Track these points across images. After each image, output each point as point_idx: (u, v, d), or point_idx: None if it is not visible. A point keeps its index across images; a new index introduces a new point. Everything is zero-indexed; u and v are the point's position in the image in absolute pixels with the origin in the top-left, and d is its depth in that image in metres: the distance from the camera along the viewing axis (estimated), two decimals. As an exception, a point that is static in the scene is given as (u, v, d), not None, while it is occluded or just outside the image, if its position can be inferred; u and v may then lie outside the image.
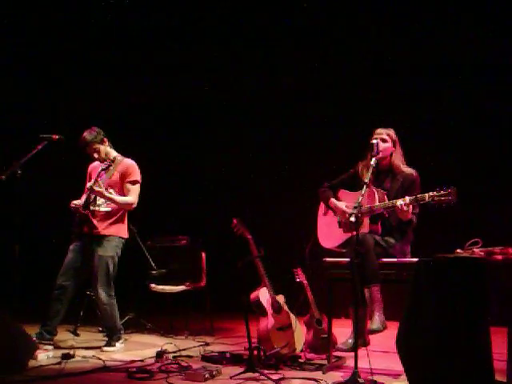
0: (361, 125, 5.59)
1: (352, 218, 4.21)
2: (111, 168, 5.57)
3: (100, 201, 5.56)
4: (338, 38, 7.37)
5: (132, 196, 5.59)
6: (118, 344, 5.53)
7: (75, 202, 5.53)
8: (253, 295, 5.24)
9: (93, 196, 5.52)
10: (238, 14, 7.67)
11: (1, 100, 7.97)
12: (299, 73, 7.73)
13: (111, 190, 5.55)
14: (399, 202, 4.51)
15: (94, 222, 5.51)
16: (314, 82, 7.63)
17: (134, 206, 5.63)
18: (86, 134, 5.55)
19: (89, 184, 5.52)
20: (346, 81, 7.41)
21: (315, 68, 7.59)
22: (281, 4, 7.40)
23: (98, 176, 5.48)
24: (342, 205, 5.01)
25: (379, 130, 4.97)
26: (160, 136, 8.51)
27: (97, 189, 5.38)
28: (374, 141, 4.70)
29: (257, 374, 4.44)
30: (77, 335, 6.04)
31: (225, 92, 8.08)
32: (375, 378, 4.23)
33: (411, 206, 4.54)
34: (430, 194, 4.39)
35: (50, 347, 5.33)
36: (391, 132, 4.98)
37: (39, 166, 5.69)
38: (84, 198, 5.53)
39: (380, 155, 4.79)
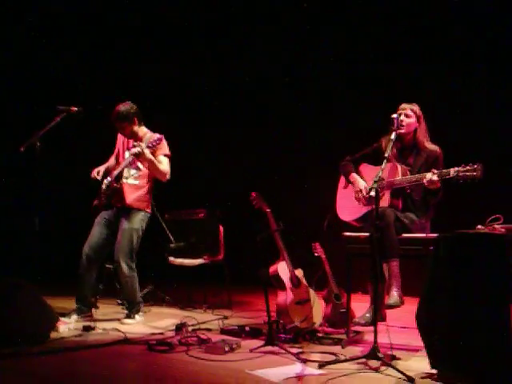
0: (385, 98, 5.53)
1: (372, 193, 4.18)
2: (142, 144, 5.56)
3: (128, 173, 5.59)
4: (363, 6, 7.31)
5: (167, 167, 5.60)
6: (137, 316, 5.59)
7: (98, 171, 5.60)
8: (272, 269, 5.25)
9: (125, 169, 5.57)
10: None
11: (19, 72, 8.01)
12: (321, 46, 7.66)
13: (139, 164, 5.57)
14: (428, 175, 4.48)
15: (122, 194, 5.57)
16: (337, 55, 7.55)
17: (168, 177, 5.63)
18: (119, 111, 5.52)
19: (135, 149, 5.39)
20: (371, 54, 7.33)
21: (341, 40, 7.51)
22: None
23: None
24: (362, 183, 4.98)
25: (403, 106, 4.92)
26: (179, 109, 8.50)
27: (144, 149, 5.32)
28: (395, 115, 4.64)
29: (276, 348, 4.46)
30: (96, 308, 6.10)
31: (244, 71, 8.08)
32: (394, 352, 4.24)
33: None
34: (456, 168, 4.34)
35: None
36: (415, 107, 4.92)
37: (58, 137, 5.70)
38: (118, 170, 5.57)
39: (404, 131, 4.81)
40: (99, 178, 5.62)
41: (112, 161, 5.86)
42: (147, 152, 5.35)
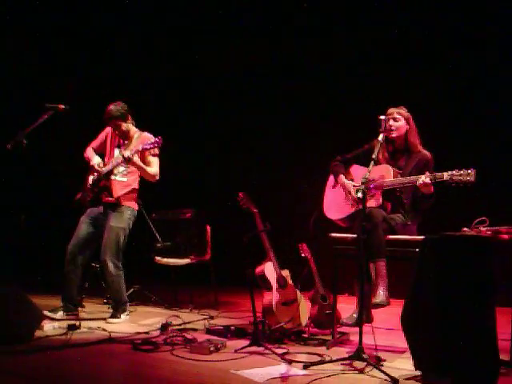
0: (377, 100, 5.53)
1: (359, 194, 4.18)
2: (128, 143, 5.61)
3: (116, 170, 5.58)
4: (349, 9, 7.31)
5: (155, 168, 5.60)
6: (123, 316, 5.57)
7: (99, 163, 5.62)
8: (258, 269, 5.25)
9: (115, 167, 5.56)
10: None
11: (8, 69, 7.97)
12: (312, 45, 7.65)
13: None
14: (422, 178, 4.50)
15: (111, 190, 5.57)
16: (328, 55, 7.53)
17: (158, 178, 5.64)
18: (112, 109, 5.54)
19: (120, 152, 5.54)
20: (363, 56, 7.34)
21: (333, 40, 7.48)
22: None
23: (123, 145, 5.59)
24: (349, 185, 4.98)
25: (390, 110, 4.92)
26: (163, 107, 8.49)
27: (133, 156, 5.36)
28: (382, 116, 4.64)
29: (261, 348, 4.46)
30: (82, 306, 6.07)
31: (230, 64, 8.07)
32: (379, 354, 4.26)
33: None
34: (450, 172, 4.36)
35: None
36: (402, 110, 4.92)
37: (45, 135, 5.67)
38: (108, 167, 5.56)
39: (394, 135, 4.86)
40: (102, 169, 5.61)
41: (91, 152, 5.82)
42: (136, 159, 5.38)
